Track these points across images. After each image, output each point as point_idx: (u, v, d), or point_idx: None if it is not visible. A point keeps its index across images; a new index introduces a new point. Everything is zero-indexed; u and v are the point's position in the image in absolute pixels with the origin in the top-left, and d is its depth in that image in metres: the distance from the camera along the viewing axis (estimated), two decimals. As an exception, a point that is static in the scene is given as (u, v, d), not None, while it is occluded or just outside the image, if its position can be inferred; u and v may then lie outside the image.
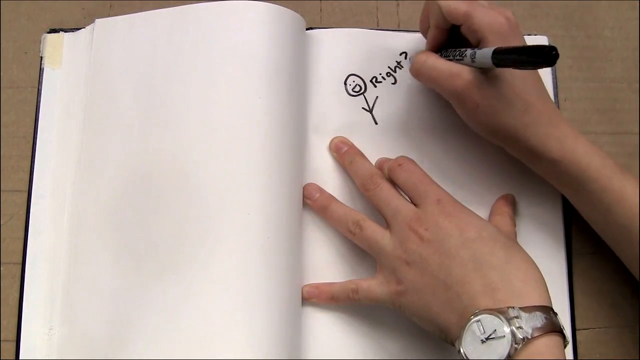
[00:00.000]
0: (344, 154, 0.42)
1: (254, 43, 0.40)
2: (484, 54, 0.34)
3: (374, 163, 0.42)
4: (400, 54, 0.44)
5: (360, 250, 0.40)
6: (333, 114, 0.43)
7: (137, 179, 0.40)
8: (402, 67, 0.44)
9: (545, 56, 0.31)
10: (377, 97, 0.44)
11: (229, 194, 0.38)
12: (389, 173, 0.39)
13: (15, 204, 0.42)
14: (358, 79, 0.44)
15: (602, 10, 0.47)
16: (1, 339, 0.40)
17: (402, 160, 0.39)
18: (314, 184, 0.42)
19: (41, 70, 0.44)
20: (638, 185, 0.37)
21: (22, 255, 0.41)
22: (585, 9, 0.47)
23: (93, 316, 0.39)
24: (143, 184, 0.40)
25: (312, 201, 0.41)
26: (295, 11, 0.42)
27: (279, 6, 0.41)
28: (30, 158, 0.43)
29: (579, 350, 0.41)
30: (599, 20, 0.47)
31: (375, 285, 0.38)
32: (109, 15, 0.44)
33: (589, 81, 0.46)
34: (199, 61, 0.40)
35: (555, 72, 0.45)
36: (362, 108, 0.43)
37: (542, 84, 0.38)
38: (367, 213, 0.40)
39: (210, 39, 0.41)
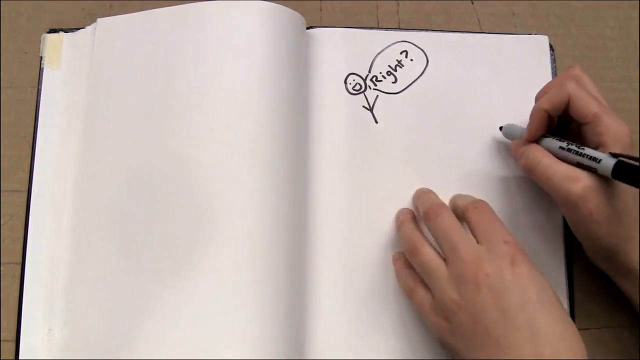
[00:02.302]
0: (418, 197, 0.41)
1: (255, 42, 0.40)
2: (608, 164, 0.33)
3: (372, 163, 0.42)
4: (401, 53, 0.44)
5: (361, 250, 0.40)
6: (333, 113, 0.43)
7: (138, 178, 0.40)
8: (403, 66, 0.44)
9: None
10: (377, 96, 0.44)
11: (230, 194, 0.38)
12: (464, 211, 0.38)
13: (15, 204, 0.42)
14: (358, 77, 0.44)
15: (602, 10, 0.47)
16: (1, 339, 0.40)
17: (480, 203, 0.38)
18: (407, 207, 0.41)
19: (41, 70, 0.44)
20: None
21: (22, 255, 0.41)
22: (585, 8, 0.47)
23: (94, 316, 0.39)
24: (144, 184, 0.40)
25: (396, 220, 0.41)
26: (295, 10, 0.42)
27: (280, 5, 0.41)
28: (30, 158, 0.43)
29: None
30: (600, 19, 0.47)
31: (427, 304, 0.37)
32: (109, 15, 0.44)
33: (590, 80, 0.46)
34: (200, 60, 0.40)
35: (555, 71, 0.45)
36: (363, 107, 0.43)
37: None
38: (372, 214, 0.41)
39: (211, 38, 0.41)
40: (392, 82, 0.44)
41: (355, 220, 0.41)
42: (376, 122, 0.43)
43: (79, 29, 0.45)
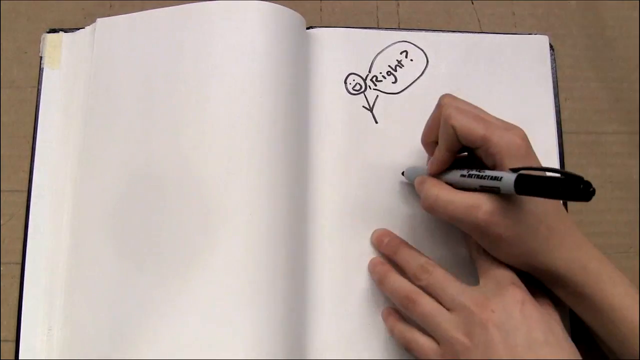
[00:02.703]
0: (386, 245, 0.40)
1: (255, 42, 0.40)
2: (509, 181, 0.32)
3: (372, 163, 0.42)
4: (401, 53, 0.44)
5: (361, 251, 0.40)
6: (333, 113, 0.43)
7: (138, 178, 0.40)
8: (403, 66, 0.44)
9: (582, 193, 0.29)
10: (377, 96, 0.44)
11: (230, 195, 0.38)
12: (473, 262, 0.38)
13: (15, 204, 0.42)
14: (358, 77, 0.44)
15: (603, 10, 0.47)
16: (1, 339, 0.40)
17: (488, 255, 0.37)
18: (379, 258, 0.40)
19: (41, 70, 0.44)
20: None
21: (22, 255, 0.41)
22: (585, 8, 0.47)
23: (94, 316, 0.38)
24: (144, 183, 0.40)
25: (373, 274, 0.40)
26: (295, 10, 0.42)
27: (280, 5, 0.41)
28: (30, 158, 0.43)
29: (579, 350, 0.41)
30: (600, 19, 0.47)
31: (432, 352, 0.36)
32: (109, 15, 0.44)
33: (590, 81, 0.46)
34: (200, 60, 0.40)
35: (556, 71, 0.45)
36: (363, 107, 0.43)
37: (560, 203, 0.36)
38: (373, 214, 0.41)
39: (211, 38, 0.41)
40: (392, 82, 0.44)
41: (355, 221, 0.41)
42: (376, 122, 0.43)
43: (79, 29, 0.45)
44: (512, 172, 0.33)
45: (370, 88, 0.44)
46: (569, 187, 0.29)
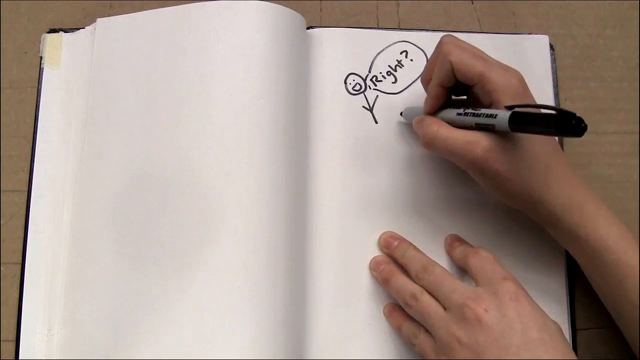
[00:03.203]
0: (395, 248, 0.40)
1: (255, 42, 0.40)
2: (504, 117, 0.33)
3: (372, 163, 0.42)
4: (401, 53, 0.44)
5: (360, 251, 0.40)
6: (333, 113, 0.43)
7: (138, 178, 0.40)
8: (403, 66, 0.44)
9: (574, 128, 0.29)
10: (377, 96, 0.44)
11: (230, 194, 0.38)
12: (465, 259, 0.38)
13: (15, 204, 0.42)
14: (358, 77, 0.44)
15: (602, 10, 0.47)
16: (1, 339, 0.40)
17: (480, 250, 0.38)
18: (382, 256, 0.41)
19: (41, 70, 0.44)
20: None
21: (22, 255, 0.41)
22: (585, 8, 0.47)
23: (94, 316, 0.38)
24: (145, 183, 0.40)
25: (377, 272, 0.40)
26: (295, 10, 0.42)
27: (280, 5, 0.41)
28: (30, 158, 0.43)
29: (579, 350, 0.41)
30: (600, 19, 0.47)
31: (429, 348, 0.36)
32: (109, 15, 0.44)
33: (590, 80, 0.46)
34: (200, 60, 0.40)
35: (555, 71, 0.45)
36: (363, 107, 0.43)
37: (557, 144, 0.37)
38: (372, 214, 0.41)
39: (211, 38, 0.41)
40: (392, 82, 0.44)
41: (355, 220, 0.41)
42: (376, 122, 0.43)
43: (79, 29, 0.45)
44: (507, 110, 0.33)
45: (370, 88, 0.44)
46: (562, 123, 0.30)
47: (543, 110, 0.32)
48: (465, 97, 0.39)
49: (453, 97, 0.39)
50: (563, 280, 0.42)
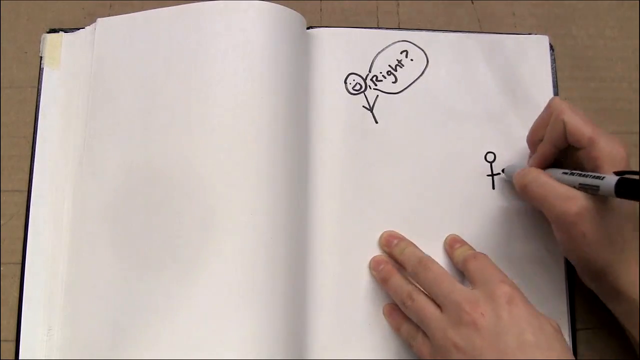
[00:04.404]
0: (395, 246, 0.40)
1: (255, 42, 0.40)
2: (611, 181, 0.32)
3: (372, 163, 0.42)
4: (401, 53, 0.44)
5: (361, 250, 0.40)
6: (334, 113, 0.43)
7: (139, 178, 0.40)
8: (403, 66, 0.44)
9: None
10: (377, 95, 0.44)
11: (231, 194, 0.38)
12: (464, 262, 0.38)
13: (15, 204, 0.42)
14: (358, 77, 0.44)
15: (603, 10, 0.47)
16: (1, 339, 0.40)
17: (480, 254, 0.38)
18: (382, 256, 0.41)
19: (41, 70, 0.44)
20: None
21: (22, 255, 0.41)
22: (585, 8, 0.47)
23: (94, 316, 0.38)
24: (145, 183, 0.40)
25: (376, 272, 0.40)
26: (295, 10, 0.42)
27: (280, 5, 0.41)
28: (30, 158, 0.43)
29: (579, 350, 0.41)
30: (600, 19, 0.47)
31: (426, 351, 0.36)
32: (109, 15, 0.44)
33: (590, 81, 0.46)
34: (201, 60, 0.40)
35: (555, 71, 0.45)
36: (363, 106, 0.43)
37: (636, 216, 0.36)
38: (372, 213, 0.41)
39: (211, 38, 0.41)
40: (392, 82, 0.44)
41: (355, 220, 0.41)
42: (376, 122, 0.43)
43: (79, 29, 0.45)
44: (614, 175, 0.33)
45: (371, 88, 0.44)
46: None
47: None
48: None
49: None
50: (563, 280, 0.42)
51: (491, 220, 0.42)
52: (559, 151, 0.38)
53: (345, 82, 0.44)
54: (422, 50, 0.45)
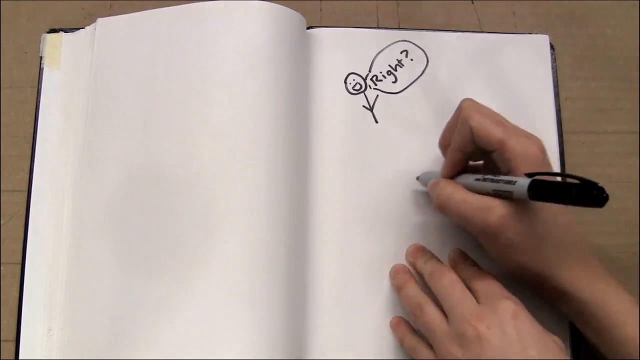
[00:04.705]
0: (419, 258, 0.40)
1: (255, 42, 0.40)
2: (523, 185, 0.31)
3: (372, 162, 0.42)
4: (401, 53, 0.44)
5: (360, 250, 0.40)
6: (334, 112, 0.43)
7: (139, 178, 0.40)
8: (403, 65, 0.44)
9: (596, 198, 0.28)
10: (377, 95, 0.44)
11: (231, 194, 0.38)
12: (468, 281, 0.37)
13: (15, 204, 0.42)
14: (358, 77, 0.44)
15: (603, 9, 0.47)
16: (1, 339, 0.40)
17: (486, 274, 0.37)
18: (402, 265, 0.41)
19: (41, 70, 0.44)
20: None
21: (22, 255, 0.41)
22: (585, 8, 0.47)
23: (94, 316, 0.38)
24: (145, 183, 0.40)
25: (394, 280, 0.40)
26: (295, 10, 0.42)
27: (280, 5, 0.41)
28: (30, 158, 0.43)
29: (581, 356, 0.41)
30: (600, 19, 0.47)
31: None
32: (109, 15, 0.44)
33: (590, 80, 0.46)
34: (201, 60, 0.40)
35: (556, 71, 0.45)
36: (363, 106, 0.43)
37: (572, 217, 0.35)
38: (372, 213, 0.41)
39: (211, 38, 0.41)
40: (392, 82, 0.44)
41: (355, 220, 0.41)
42: (376, 122, 0.43)
43: (79, 29, 0.45)
44: (526, 177, 0.32)
45: (371, 87, 0.44)
46: (583, 193, 0.28)
47: (559, 178, 0.32)
48: (481, 162, 0.38)
49: (470, 162, 0.38)
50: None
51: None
52: (469, 155, 0.37)
53: (345, 82, 0.44)
54: (422, 50, 0.45)
